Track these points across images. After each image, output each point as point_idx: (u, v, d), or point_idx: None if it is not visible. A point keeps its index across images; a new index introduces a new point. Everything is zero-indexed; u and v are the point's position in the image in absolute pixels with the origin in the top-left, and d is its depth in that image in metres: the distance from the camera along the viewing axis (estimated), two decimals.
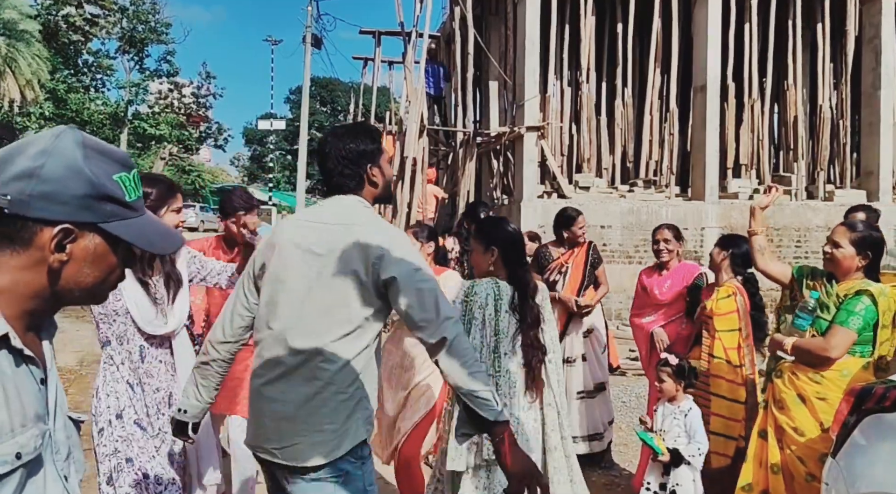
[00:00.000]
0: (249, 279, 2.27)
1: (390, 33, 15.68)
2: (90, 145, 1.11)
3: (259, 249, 2.29)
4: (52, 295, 1.11)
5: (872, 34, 11.88)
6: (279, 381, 2.09)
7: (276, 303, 2.13)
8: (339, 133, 2.26)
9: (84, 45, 32.76)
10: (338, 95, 51.84)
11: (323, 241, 2.11)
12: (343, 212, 2.17)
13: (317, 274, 2.09)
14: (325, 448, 2.04)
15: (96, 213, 1.10)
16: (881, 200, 11.62)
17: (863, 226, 3.18)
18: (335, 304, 2.07)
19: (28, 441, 1.04)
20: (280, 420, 2.08)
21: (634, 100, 12.96)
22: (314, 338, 2.07)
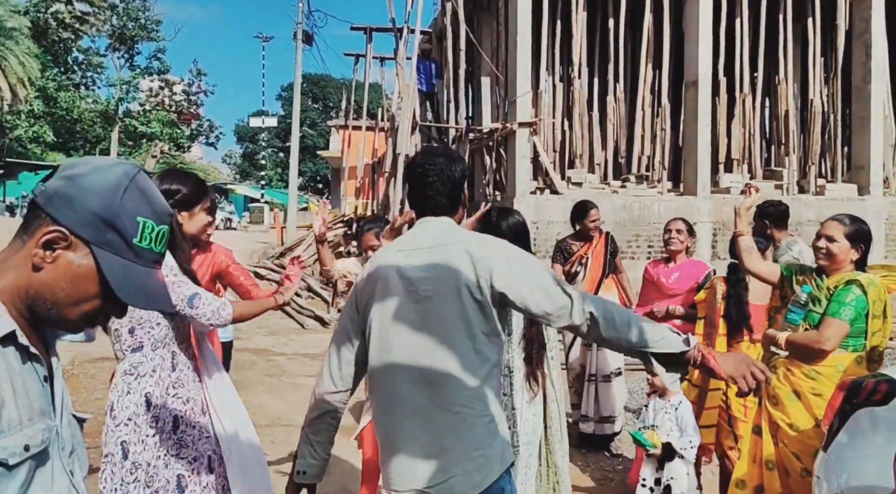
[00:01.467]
0: (353, 320, 2.15)
1: (382, 29, 15.65)
2: (139, 183, 1.15)
3: (358, 286, 2.16)
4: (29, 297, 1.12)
5: (863, 29, 11.93)
6: (416, 417, 2.02)
7: (390, 338, 2.05)
8: (443, 155, 2.22)
9: (74, 43, 32.59)
10: (329, 92, 51.73)
11: (429, 265, 2.05)
12: (441, 233, 2.12)
13: (429, 299, 2.02)
14: (480, 475, 1.99)
15: (95, 234, 1.11)
16: (872, 194, 11.68)
17: (851, 220, 3.20)
18: (454, 327, 2.01)
19: (35, 435, 1.08)
20: (429, 457, 2.00)
21: (626, 95, 12.98)
22: (442, 366, 2.00)
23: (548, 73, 12.91)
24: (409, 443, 2.02)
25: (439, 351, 2.01)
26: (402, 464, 2.03)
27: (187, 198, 2.62)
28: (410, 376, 2.02)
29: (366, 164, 18.29)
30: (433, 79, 14.02)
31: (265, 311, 2.79)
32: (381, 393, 2.08)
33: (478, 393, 2.03)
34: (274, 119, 45.76)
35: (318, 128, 51.38)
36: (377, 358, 2.08)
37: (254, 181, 51.75)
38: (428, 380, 2.01)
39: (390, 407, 2.06)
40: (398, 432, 2.04)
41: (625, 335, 1.92)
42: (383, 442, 2.10)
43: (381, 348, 2.07)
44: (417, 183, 2.17)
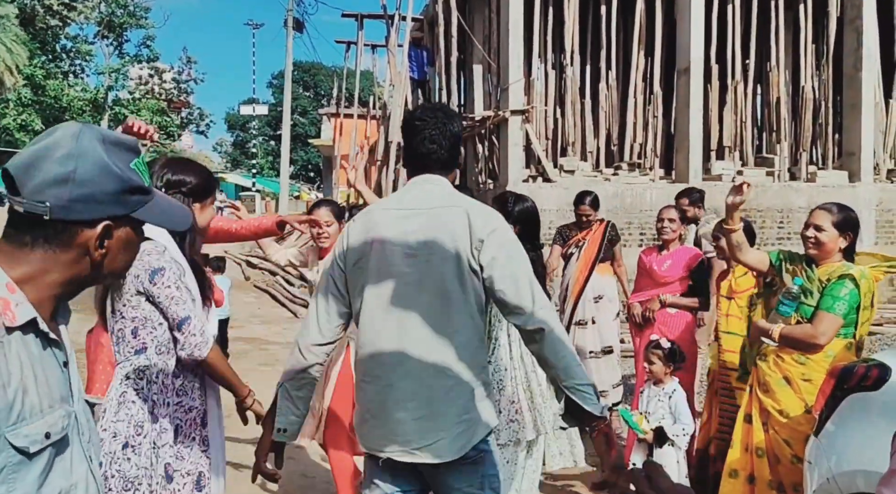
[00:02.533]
0: (339, 275, 2.14)
1: (373, 16, 15.57)
2: (108, 140, 1.17)
3: (348, 244, 2.14)
4: (82, 282, 1.18)
5: (854, 15, 11.93)
6: (406, 380, 2.03)
7: (385, 300, 2.05)
8: (441, 109, 2.21)
9: (62, 30, 32.26)
10: (321, 80, 51.48)
11: (427, 227, 2.04)
12: (440, 195, 2.11)
13: (426, 263, 2.02)
14: (466, 437, 2.03)
15: (127, 205, 1.17)
16: (863, 180, 11.73)
17: (839, 208, 3.22)
18: (453, 291, 2.02)
19: (56, 422, 1.10)
20: (419, 419, 2.02)
21: (618, 82, 12.95)
22: (436, 330, 2.02)
23: (540, 61, 12.87)
24: (398, 405, 2.03)
25: (437, 316, 2.02)
26: (390, 425, 2.04)
27: (200, 188, 2.40)
28: (405, 339, 2.03)
29: (357, 152, 18.23)
30: (425, 66, 13.96)
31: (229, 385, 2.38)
32: (371, 354, 2.08)
33: (472, 358, 2.06)
34: (265, 107, 45.49)
35: (309, 116, 51.15)
36: (370, 319, 2.07)
37: (245, 170, 51.52)
38: (424, 344, 2.02)
39: (381, 368, 2.06)
40: (388, 394, 2.04)
41: (554, 364, 2.04)
42: (369, 403, 2.09)
43: (375, 310, 2.06)
44: (416, 137, 2.13)
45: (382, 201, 2.28)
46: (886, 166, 12.52)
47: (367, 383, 2.10)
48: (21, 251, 1.11)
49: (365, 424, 2.12)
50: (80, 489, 1.16)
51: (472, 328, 2.06)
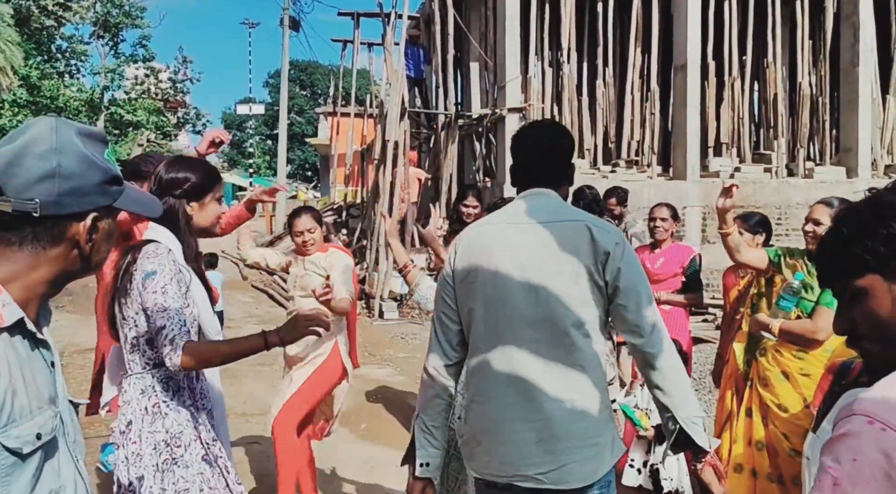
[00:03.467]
0: (451, 290, 2.07)
1: (369, 15, 15.53)
2: (83, 132, 1.17)
3: (456, 259, 2.07)
4: (69, 277, 1.18)
5: (850, 11, 11.92)
6: (527, 401, 1.92)
7: (500, 316, 1.97)
8: (554, 126, 2.21)
9: (57, 30, 32.17)
10: (317, 78, 51.38)
11: (544, 240, 1.98)
12: (554, 208, 2.06)
13: (540, 276, 1.95)
14: (595, 463, 1.93)
15: (110, 195, 1.19)
16: (860, 176, 11.72)
17: (839, 202, 3.22)
18: (574, 306, 1.94)
19: (46, 422, 1.09)
20: (542, 442, 1.90)
21: (615, 80, 12.95)
22: (556, 347, 1.93)
23: (537, 58, 12.85)
24: (518, 427, 1.93)
25: (555, 332, 1.93)
26: (509, 448, 1.93)
27: (197, 187, 2.29)
28: (523, 357, 1.94)
29: (355, 151, 18.20)
30: (422, 64, 13.93)
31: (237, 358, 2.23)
32: (486, 373, 1.99)
33: (595, 376, 1.96)
34: (261, 106, 45.47)
35: (306, 116, 51.08)
36: (483, 336, 1.99)
37: (242, 169, 51.44)
38: (542, 363, 1.93)
39: (496, 388, 1.96)
40: (506, 414, 1.94)
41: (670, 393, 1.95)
42: (483, 424, 1.99)
43: (488, 326, 1.99)
44: (524, 151, 2.12)
45: (492, 215, 2.19)
46: (884, 162, 12.52)
47: (480, 403, 2.00)
48: (7, 250, 1.10)
49: (478, 447, 2.00)
50: (68, 490, 1.15)
51: (594, 344, 1.97)
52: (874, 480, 0.97)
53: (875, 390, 1.09)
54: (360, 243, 13.24)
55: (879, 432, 1.00)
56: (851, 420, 1.06)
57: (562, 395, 1.92)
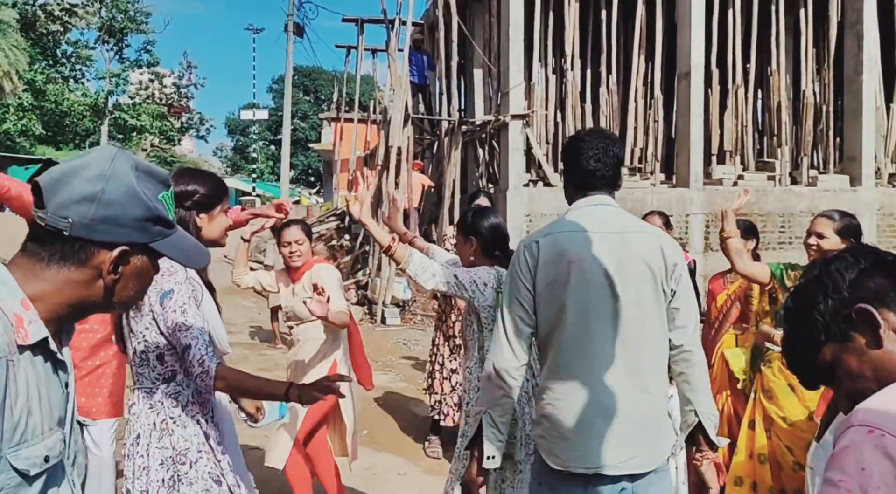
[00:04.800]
0: (526, 297, 2.22)
1: (373, 21, 15.55)
2: (141, 167, 1.18)
3: (537, 266, 2.21)
4: (91, 307, 1.16)
5: (855, 19, 11.92)
6: (610, 397, 2.12)
7: (586, 320, 2.15)
8: (603, 133, 2.37)
9: (63, 36, 32.29)
10: (321, 84, 51.52)
11: (624, 251, 2.18)
12: (622, 218, 2.28)
13: (627, 285, 2.15)
14: (666, 446, 2.22)
15: (148, 234, 1.17)
16: (864, 185, 11.70)
17: (840, 215, 3.22)
18: (650, 311, 2.17)
19: (54, 445, 1.09)
20: (627, 433, 2.13)
21: (619, 87, 12.94)
22: (640, 349, 2.15)
23: (540, 65, 12.86)
24: (605, 421, 2.11)
25: (636, 334, 2.15)
26: (596, 442, 2.11)
27: (206, 199, 2.29)
28: (608, 357, 2.13)
29: (358, 157, 18.22)
30: (425, 71, 13.95)
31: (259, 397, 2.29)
32: (571, 374, 2.15)
33: (664, 372, 2.22)
34: (265, 112, 45.45)
35: (309, 121, 51.18)
36: (569, 338, 2.16)
37: (245, 174, 51.53)
38: (626, 362, 2.13)
39: (581, 387, 2.14)
40: (592, 411, 2.12)
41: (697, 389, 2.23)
42: (568, 421, 2.15)
43: (574, 329, 2.15)
44: (581, 156, 2.29)
45: (566, 223, 2.29)
46: (888, 170, 12.48)
47: (566, 401, 2.16)
48: (37, 266, 1.10)
49: (563, 442, 2.16)
50: None
51: (665, 345, 2.20)
52: (885, 485, 0.99)
53: (870, 402, 1.13)
54: (363, 248, 13.24)
55: (880, 438, 1.03)
56: (850, 432, 1.08)
57: (646, 390, 2.15)
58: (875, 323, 1.18)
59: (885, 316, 1.19)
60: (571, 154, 2.32)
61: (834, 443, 1.13)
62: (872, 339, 1.18)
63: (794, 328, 1.31)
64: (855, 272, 1.22)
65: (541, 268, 2.20)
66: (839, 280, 1.23)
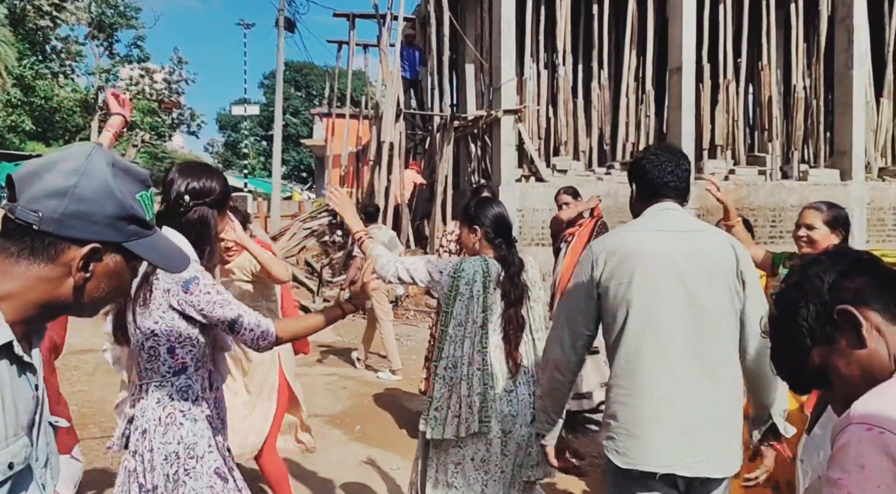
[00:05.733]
0: (589, 296, 2.27)
1: (365, 16, 15.50)
2: (118, 165, 1.15)
3: (603, 265, 2.26)
4: (61, 307, 1.13)
5: (844, 14, 11.97)
6: (684, 395, 2.14)
7: (657, 316, 2.17)
8: (674, 150, 2.50)
9: (52, 31, 32.06)
10: (312, 79, 51.33)
11: (694, 248, 2.24)
12: (688, 219, 2.37)
13: (698, 281, 2.18)
14: (736, 457, 2.20)
15: (122, 233, 1.13)
16: (854, 179, 11.77)
17: (828, 206, 3.25)
18: (722, 308, 2.20)
19: (19, 451, 1.05)
20: (698, 433, 2.13)
21: (611, 82, 12.96)
22: (713, 346, 2.16)
23: (532, 60, 12.86)
24: (670, 421, 2.12)
25: (706, 332, 2.17)
26: (661, 442, 2.12)
27: (223, 197, 2.27)
28: (681, 354, 2.14)
29: (350, 152, 18.18)
30: (417, 66, 13.92)
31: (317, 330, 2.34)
32: (640, 370, 2.17)
33: (737, 371, 2.24)
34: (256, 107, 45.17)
35: (301, 117, 51.01)
36: (637, 336, 2.18)
37: (237, 170, 51.34)
38: (700, 360, 2.14)
39: (651, 386, 2.15)
40: (663, 409, 2.13)
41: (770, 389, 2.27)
42: (636, 421, 2.16)
43: (642, 326, 2.18)
44: (656, 169, 2.39)
45: (635, 224, 2.40)
46: (878, 164, 12.56)
47: (638, 400, 2.17)
48: (6, 263, 1.08)
49: (632, 440, 2.16)
50: None
51: (735, 343, 2.22)
52: (885, 484, 0.99)
53: (868, 399, 1.12)
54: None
55: (878, 436, 1.02)
56: (849, 429, 1.08)
57: (719, 388, 2.15)
58: (857, 323, 1.18)
59: (866, 316, 1.19)
60: (644, 168, 2.41)
61: (832, 440, 1.13)
62: (856, 339, 1.19)
63: (780, 335, 1.31)
64: (834, 274, 1.23)
65: (606, 268, 2.24)
66: (818, 283, 1.23)
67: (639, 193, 2.46)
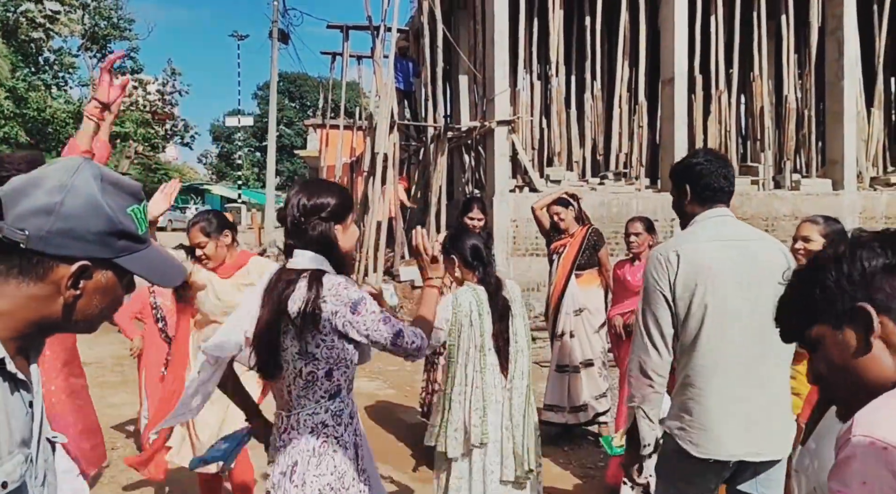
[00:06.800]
0: (667, 301, 2.46)
1: (358, 27, 15.56)
2: (107, 179, 1.12)
3: (677, 273, 2.43)
4: (54, 324, 1.11)
5: (835, 25, 12.07)
6: (748, 390, 2.42)
7: (726, 321, 2.39)
8: (722, 156, 2.70)
9: (46, 43, 32.04)
10: (306, 91, 51.41)
11: (754, 257, 2.46)
12: (745, 227, 2.63)
13: (759, 287, 2.39)
14: (787, 439, 2.51)
15: (111, 249, 1.11)
16: (846, 188, 11.83)
17: (824, 219, 3.31)
18: None
19: (14, 469, 1.03)
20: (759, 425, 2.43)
21: (603, 93, 13.03)
22: (769, 348, 2.37)
23: (525, 72, 12.92)
24: (739, 415, 2.40)
25: (767, 334, 2.31)
26: (732, 434, 2.40)
27: (340, 209, 2.24)
28: (744, 358, 2.39)
29: (344, 163, 18.19)
30: (411, 77, 13.97)
31: None
32: (712, 372, 2.41)
33: (787, 372, 2.53)
34: (250, 118, 45.21)
35: (295, 128, 51.07)
36: (709, 339, 2.40)
37: (230, 181, 51.29)
38: (760, 364, 2.41)
39: (721, 384, 2.41)
40: (728, 406, 2.40)
41: None
42: (710, 416, 2.42)
43: (714, 330, 2.40)
44: (713, 175, 2.58)
45: (699, 234, 2.55)
46: (869, 174, 12.64)
47: (708, 397, 2.42)
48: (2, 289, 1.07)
49: (705, 433, 2.43)
50: None
51: (790, 347, 2.41)
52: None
53: (871, 411, 1.10)
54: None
55: (881, 451, 1.01)
56: (853, 442, 1.06)
57: (772, 391, 2.45)
58: (870, 327, 1.14)
59: (882, 322, 1.14)
60: (700, 172, 2.58)
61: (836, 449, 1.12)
62: (863, 341, 1.15)
63: (795, 291, 1.27)
64: (878, 265, 1.16)
65: (681, 276, 2.42)
66: (857, 267, 1.17)
67: (693, 196, 2.61)
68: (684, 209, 2.65)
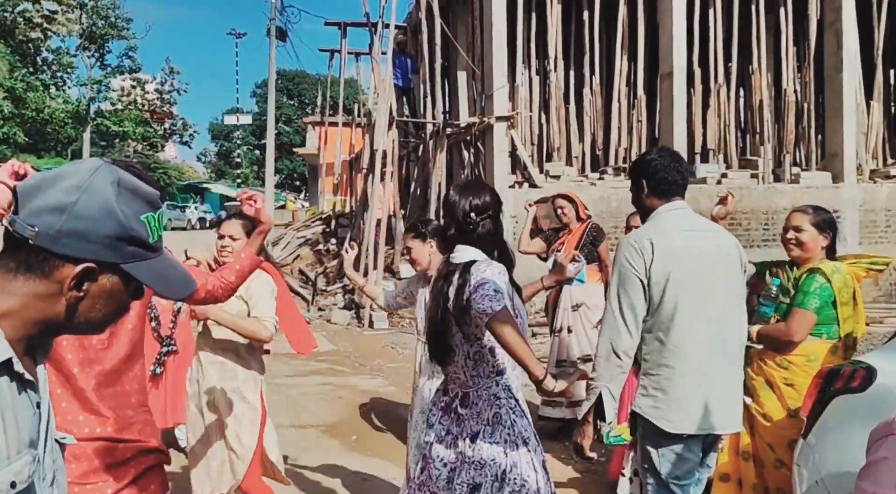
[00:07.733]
0: (642, 287, 2.59)
1: (356, 24, 15.56)
2: (124, 184, 1.12)
3: (652, 259, 2.57)
4: (57, 326, 1.11)
5: (833, 18, 12.04)
6: (723, 367, 2.63)
7: (695, 302, 2.56)
8: (675, 152, 2.89)
9: (44, 43, 32.00)
10: (305, 88, 51.36)
11: (716, 246, 2.67)
12: (700, 219, 2.82)
13: (723, 274, 2.63)
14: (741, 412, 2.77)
15: (120, 254, 1.10)
16: (846, 181, 11.82)
17: (814, 209, 3.29)
18: (738, 296, 2.71)
19: (22, 469, 1.03)
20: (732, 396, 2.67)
21: (602, 87, 13.02)
22: (735, 330, 2.65)
23: (524, 67, 12.90)
24: (708, 392, 2.58)
25: (732, 318, 2.66)
26: (703, 409, 2.56)
27: (500, 207, 2.49)
28: (711, 339, 2.58)
29: (343, 161, 18.18)
30: (409, 73, 13.96)
31: None
32: (682, 352, 2.57)
33: (743, 351, 2.76)
34: (249, 116, 45.29)
35: (293, 125, 51.01)
36: (685, 321, 2.56)
37: (230, 179, 51.30)
38: (723, 343, 2.62)
39: (691, 364, 2.57)
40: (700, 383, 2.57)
41: None
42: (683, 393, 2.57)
43: (689, 312, 2.55)
44: (668, 170, 2.73)
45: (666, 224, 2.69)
46: (869, 167, 12.62)
47: (680, 375, 2.57)
48: (5, 278, 1.07)
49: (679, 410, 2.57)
50: None
51: (745, 328, 2.75)
52: None
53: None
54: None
55: None
56: (889, 441, 1.05)
57: (732, 371, 2.68)
58: None
59: None
60: (655, 167, 2.73)
61: (869, 444, 1.10)
62: None
63: None
64: None
65: (656, 263, 2.56)
66: None
67: (650, 191, 2.75)
68: (643, 203, 2.80)
